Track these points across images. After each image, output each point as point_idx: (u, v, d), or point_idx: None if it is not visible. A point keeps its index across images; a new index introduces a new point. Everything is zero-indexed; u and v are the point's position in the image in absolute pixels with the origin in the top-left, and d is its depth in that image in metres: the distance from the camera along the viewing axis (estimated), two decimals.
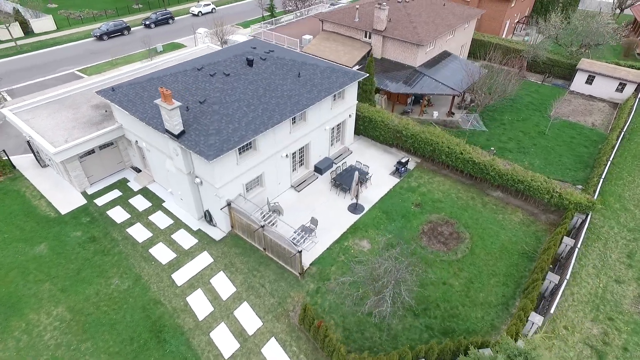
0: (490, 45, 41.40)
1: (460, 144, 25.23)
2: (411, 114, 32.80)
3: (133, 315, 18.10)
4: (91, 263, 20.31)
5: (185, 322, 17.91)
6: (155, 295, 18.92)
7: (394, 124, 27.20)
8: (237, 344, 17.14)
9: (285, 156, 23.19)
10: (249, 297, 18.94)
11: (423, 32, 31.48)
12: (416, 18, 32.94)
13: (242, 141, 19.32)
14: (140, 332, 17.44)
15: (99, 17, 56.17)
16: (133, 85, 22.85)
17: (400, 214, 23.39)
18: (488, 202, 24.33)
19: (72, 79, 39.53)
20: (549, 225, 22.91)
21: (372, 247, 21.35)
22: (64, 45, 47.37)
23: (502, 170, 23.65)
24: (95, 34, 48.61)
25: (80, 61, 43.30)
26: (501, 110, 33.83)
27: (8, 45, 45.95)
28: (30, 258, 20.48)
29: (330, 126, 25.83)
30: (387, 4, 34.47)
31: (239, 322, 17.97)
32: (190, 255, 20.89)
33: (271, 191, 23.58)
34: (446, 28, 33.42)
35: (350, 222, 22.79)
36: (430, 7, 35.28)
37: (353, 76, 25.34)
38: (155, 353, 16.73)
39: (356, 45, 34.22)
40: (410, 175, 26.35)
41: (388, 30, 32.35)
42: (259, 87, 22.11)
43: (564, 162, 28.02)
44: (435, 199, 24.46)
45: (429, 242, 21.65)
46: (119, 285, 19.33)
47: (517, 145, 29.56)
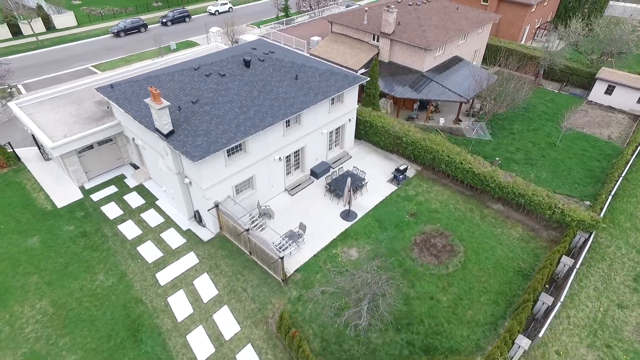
0: (505, 51, 40.04)
1: (461, 153, 24.36)
2: (416, 120, 31.99)
3: (113, 312, 18.15)
4: (79, 258, 20.53)
5: (163, 322, 17.84)
6: (137, 294, 18.94)
7: (394, 130, 26.53)
8: (213, 349, 16.94)
9: (278, 159, 22.90)
10: (230, 301, 18.73)
11: (432, 36, 30.65)
12: (426, 22, 32.12)
13: (230, 143, 19.14)
14: (119, 330, 17.46)
15: (119, 14, 57.39)
16: (131, 83, 23.03)
17: (393, 223, 22.74)
18: (487, 215, 23.38)
19: (86, 74, 40.40)
20: (550, 242, 21.80)
21: (360, 256, 20.81)
22: (82, 41, 48.56)
23: (503, 183, 22.67)
24: (112, 31, 49.64)
25: (96, 57, 44.24)
26: (511, 119, 32.60)
27: (30, 40, 47.43)
28: (22, 250, 20.87)
29: (327, 130, 25.40)
30: (398, 7, 33.79)
31: (217, 325, 17.77)
32: (177, 255, 20.86)
33: (263, 194, 23.33)
34: (457, 33, 32.46)
35: (341, 229, 22.30)
36: (442, 11, 34.35)
37: (353, 80, 24.83)
38: (131, 352, 16.71)
39: (364, 48, 33.64)
40: (408, 183, 25.63)
41: (396, 33, 31.65)
42: (253, 88, 21.90)
43: (573, 175, 26.70)
44: (431, 209, 23.69)
45: (420, 254, 20.93)
46: (104, 281, 19.46)
47: (524, 156, 28.37)
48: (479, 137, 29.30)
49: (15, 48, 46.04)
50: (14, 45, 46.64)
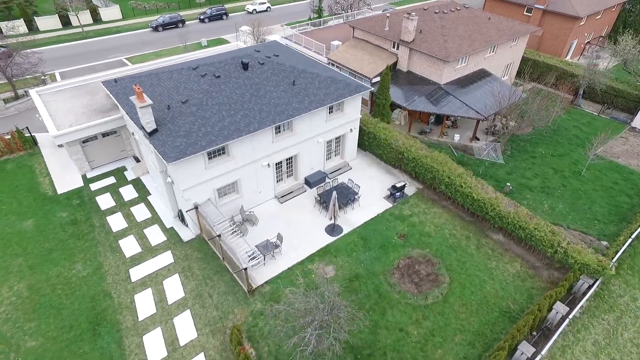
0: (544, 66, 37.04)
1: (463, 175, 22.59)
2: (430, 134, 30.26)
3: (81, 303, 18.49)
4: (64, 245, 21.20)
5: (125, 319, 17.91)
6: (107, 287, 19.19)
7: (397, 144, 25.17)
8: (165, 353, 16.74)
9: (267, 165, 22.40)
10: (194, 306, 18.48)
11: (453, 47, 28.80)
12: (450, 31, 30.27)
13: (210, 146, 18.87)
14: (81, 322, 17.74)
15: (162, 9, 59.64)
16: (133, 79, 23.48)
17: (379, 243, 21.50)
18: (484, 245, 21.48)
19: (118, 65, 42.16)
20: (550, 283, 19.60)
21: (337, 275, 19.82)
22: (123, 34, 50.92)
23: (503, 212, 20.70)
24: (152, 25, 51.61)
25: (131, 50, 46.14)
26: (536, 141, 29.95)
27: (76, 31, 50.42)
28: (16, 231, 21.90)
29: (325, 139, 24.54)
30: (423, 14, 32.20)
31: (175, 329, 17.57)
32: (154, 252, 20.96)
33: (250, 199, 22.94)
34: (484, 44, 30.30)
35: (323, 243, 21.40)
36: (471, 20, 32.26)
37: (354, 89, 23.80)
38: (86, 346, 16.90)
39: (383, 55, 32.34)
40: (405, 202, 24.19)
41: (416, 42, 30.10)
42: (246, 92, 21.53)
43: (594, 210, 23.96)
44: (424, 233, 22.15)
45: (400, 280, 19.57)
46: (80, 271, 19.92)
47: (542, 183, 25.88)
48: (489, 159, 27.09)
49: (62, 37, 49.15)
50: (62, 35, 49.80)
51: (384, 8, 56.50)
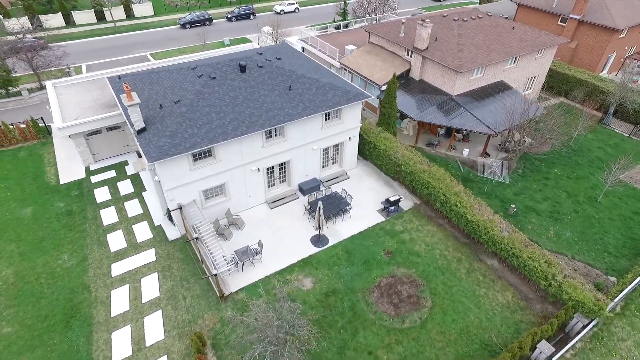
0: (573, 81, 34.67)
1: (459, 193, 21.33)
2: (437, 147, 28.95)
3: (60, 294, 18.90)
4: (55, 235, 21.81)
5: (98, 314, 18.13)
6: (87, 280, 19.53)
7: (396, 156, 24.19)
8: (130, 352, 16.76)
9: (257, 170, 22.11)
10: (167, 307, 18.44)
11: (467, 58, 27.39)
12: (467, 40, 28.81)
13: (193, 148, 18.79)
14: (56, 313, 18.11)
15: (193, 7, 60.93)
16: (135, 76, 23.83)
17: (363, 258, 20.67)
18: (475, 270, 20.17)
19: (142, 60, 43.43)
20: (542, 318, 18.08)
21: (313, 288, 19.20)
22: (151, 30, 52.42)
23: (496, 237, 19.33)
24: (180, 22, 52.81)
25: (157, 46, 47.36)
26: (552, 160, 27.97)
27: (109, 26, 52.40)
28: (15, 218, 22.78)
29: (321, 146, 23.96)
30: (441, 22, 30.89)
31: (144, 329, 17.59)
32: (139, 249, 21.16)
33: (238, 203, 22.73)
34: (502, 55, 28.63)
35: (306, 254, 20.84)
36: (491, 29, 30.59)
37: (353, 97, 23.05)
38: (57, 337, 17.21)
39: (396, 62, 31.30)
40: (400, 217, 23.18)
41: (429, 50, 28.89)
42: (239, 94, 21.32)
43: (606, 241, 22.00)
44: (413, 251, 21.10)
45: (379, 300, 18.69)
46: (65, 261, 20.40)
47: (551, 207, 24.07)
48: (493, 178, 25.48)
49: (95, 32, 51.21)
50: (95, 29, 51.91)
51: (412, 13, 55.04)
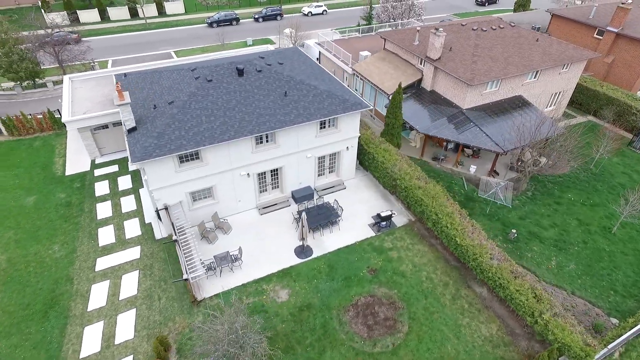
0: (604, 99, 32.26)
1: (452, 214, 20.17)
2: (444, 162, 27.69)
3: (45, 284, 19.48)
4: (51, 225, 22.57)
5: (75, 307, 18.53)
6: (72, 272, 20.03)
7: (393, 170, 23.30)
8: (98, 348, 16.98)
9: (246, 175, 21.92)
10: (141, 306, 18.58)
11: (480, 70, 26.00)
12: (483, 51, 27.36)
13: (178, 150, 18.82)
14: (38, 302, 18.67)
15: (223, 6, 61.93)
16: (139, 75, 24.25)
17: (345, 274, 19.99)
18: (461, 297, 19.00)
19: (165, 57, 44.51)
20: (527, 357, 16.74)
21: (288, 300, 18.75)
22: (179, 27, 53.73)
23: (484, 264, 18.10)
24: (207, 21, 53.79)
25: (183, 43, 48.43)
26: (568, 184, 26.03)
27: (140, 22, 54.16)
28: (18, 205, 23.80)
29: (316, 155, 23.46)
30: (459, 30, 29.54)
31: (115, 326, 17.79)
32: (125, 245, 21.50)
33: (227, 206, 22.63)
34: (521, 69, 26.97)
35: (287, 264, 20.42)
36: (513, 41, 28.88)
37: (350, 106, 22.38)
38: (33, 326, 17.71)
39: (408, 71, 30.25)
40: (391, 233, 22.29)
41: (442, 60, 27.68)
42: (232, 98, 21.20)
43: (615, 278, 20.15)
44: (398, 271, 20.18)
45: (353, 320, 17.97)
46: (55, 252, 21.05)
47: (557, 235, 22.37)
48: (494, 200, 23.97)
49: (127, 27, 53.10)
50: (128, 25, 53.82)
51: (442, 19, 53.32)
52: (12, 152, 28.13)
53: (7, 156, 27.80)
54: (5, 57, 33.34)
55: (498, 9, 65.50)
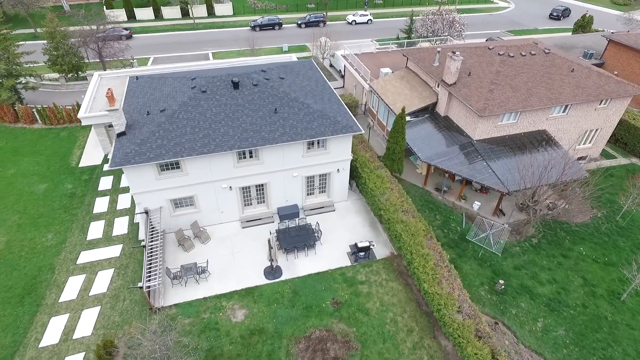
0: None
1: (427, 256, 18.73)
2: (446, 194, 25.93)
3: (30, 270, 20.87)
4: (52, 214, 24.19)
5: (49, 296, 19.66)
6: (56, 262, 21.29)
7: (379, 199, 22.20)
8: (56, 341, 17.84)
9: (228, 188, 21.98)
10: (106, 305, 19.29)
11: (496, 100, 23.98)
12: (504, 79, 25.21)
13: (157, 159, 19.27)
14: (19, 287, 20.04)
15: (271, 10, 63.00)
16: (148, 79, 25.24)
17: (307, 302, 19.35)
18: (423, 348, 17.59)
19: (202, 58, 46.23)
20: None
21: (242, 322, 18.50)
22: (224, 29, 55.45)
23: (447, 318, 16.58)
24: (250, 25, 55.01)
25: (223, 45, 49.89)
26: (583, 235, 23.23)
27: (188, 22, 56.67)
28: (30, 192, 25.79)
29: (303, 174, 22.98)
30: (483, 54, 27.52)
31: (78, 321, 18.61)
32: (110, 242, 22.48)
33: (209, 216, 22.85)
34: (545, 102, 24.51)
35: (252, 283, 20.19)
36: (543, 69, 26.28)
37: (341, 129, 21.60)
38: (8, 309, 19.03)
39: (424, 93, 28.72)
40: (368, 265, 21.24)
41: (457, 85, 25.92)
42: (221, 111, 21.33)
43: (610, 355, 17.61)
44: (363, 308, 19.16)
45: (302, 353, 17.32)
46: (48, 240, 22.51)
47: (553, 293, 20.01)
48: (482, 245, 21.91)
49: (177, 26, 55.79)
50: (177, 24, 56.54)
51: (489, 37, 50.21)
52: (40, 140, 30.63)
53: (35, 143, 30.31)
54: (55, 50, 36.35)
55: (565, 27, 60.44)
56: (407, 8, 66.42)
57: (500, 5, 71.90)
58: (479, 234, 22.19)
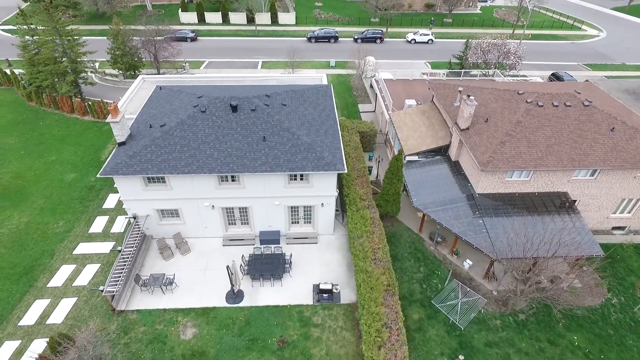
0: None
1: (377, 315, 17.74)
2: (440, 245, 24.23)
3: (35, 252, 23.61)
4: (69, 203, 27.05)
5: (41, 280, 22.10)
6: (57, 249, 23.82)
7: (354, 242, 21.48)
8: (32, 322, 20.02)
9: (211, 207, 22.81)
10: (82, 298, 21.19)
11: (504, 155, 21.85)
12: (523, 131, 22.83)
13: (141, 173, 20.67)
14: (21, 266, 22.77)
15: (333, 22, 63.31)
16: (169, 90, 26.85)
17: (255, 334, 19.44)
18: None
19: (250, 66, 48.15)
20: None
21: (189, 341, 19.16)
22: (282, 38, 57.02)
23: None
24: (307, 36, 55.91)
25: (273, 54, 51.27)
26: (582, 322, 20.25)
27: (250, 29, 59.17)
28: (60, 179, 29.07)
29: (285, 203, 23.04)
30: (509, 99, 25.20)
31: (55, 308, 20.67)
32: (106, 237, 24.58)
33: (193, 230, 23.91)
34: (565, 164, 21.79)
35: (212, 304, 20.79)
36: (575, 125, 23.24)
37: (323, 166, 21.23)
38: (7, 285, 21.74)
39: (440, 133, 27.06)
40: (329, 308, 20.72)
41: (469, 131, 24.07)
42: (213, 133, 22.14)
43: None
44: (307, 353, 18.73)
45: None
46: (59, 227, 25.26)
47: None
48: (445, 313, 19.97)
49: (239, 32, 58.62)
50: (241, 30, 59.36)
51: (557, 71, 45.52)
52: (85, 132, 34.33)
53: (80, 134, 34.05)
54: (118, 50, 40.41)
55: None
56: (477, 30, 62.66)
57: (589, 33, 64.63)
58: (451, 299, 20.44)
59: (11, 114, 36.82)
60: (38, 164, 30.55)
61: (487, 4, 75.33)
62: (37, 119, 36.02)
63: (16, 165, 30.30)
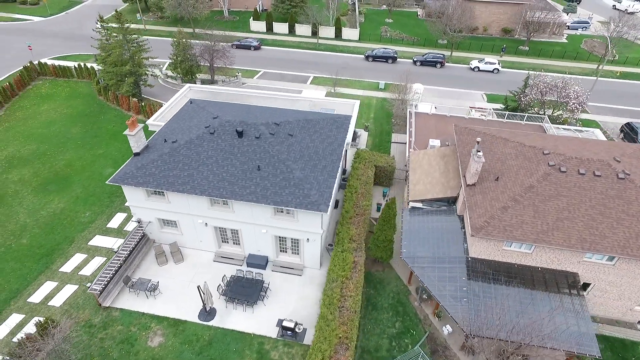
0: None
1: None
2: (424, 302, 22.93)
3: (59, 237, 26.89)
4: (100, 195, 30.27)
5: (56, 263, 25.15)
6: (77, 237, 26.88)
7: (329, 284, 21.25)
8: (38, 300, 22.94)
9: (204, 224, 24.08)
10: (82, 286, 23.72)
11: (503, 222, 20.05)
12: (533, 199, 20.71)
13: (143, 185, 22.54)
14: (45, 248, 26.10)
15: (398, 40, 61.96)
16: (194, 106, 28.84)
17: (212, 357, 20.24)
18: None
19: (301, 80, 49.26)
20: None
21: (154, 349, 20.56)
22: (340, 54, 57.25)
23: None
24: (365, 54, 55.56)
25: (325, 70, 51.33)
26: None
27: (312, 41, 60.23)
28: (99, 172, 32.59)
29: (272, 233, 23.49)
30: (529, 158, 23.03)
31: (58, 292, 23.43)
32: (118, 234, 27.15)
33: (190, 241, 25.46)
34: (573, 244, 19.36)
35: (185, 317, 22.01)
36: (601, 200, 20.39)
37: (306, 204, 21.26)
38: (29, 263, 25.08)
39: (452, 183, 25.51)
40: (290, 345, 20.82)
41: (475, 188, 22.43)
42: (214, 155, 23.29)
43: None
44: None
45: None
46: (84, 217, 28.46)
47: None
48: None
49: (301, 44, 59.93)
50: (303, 42, 60.65)
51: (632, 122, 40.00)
52: None
53: None
54: (179, 56, 44.01)
55: None
56: (554, 61, 57.24)
57: None
58: None
59: (82, 105, 42.01)
60: (88, 155, 34.59)
61: (578, 32, 68.09)
62: (100, 113, 40.68)
63: (71, 154, 34.62)
